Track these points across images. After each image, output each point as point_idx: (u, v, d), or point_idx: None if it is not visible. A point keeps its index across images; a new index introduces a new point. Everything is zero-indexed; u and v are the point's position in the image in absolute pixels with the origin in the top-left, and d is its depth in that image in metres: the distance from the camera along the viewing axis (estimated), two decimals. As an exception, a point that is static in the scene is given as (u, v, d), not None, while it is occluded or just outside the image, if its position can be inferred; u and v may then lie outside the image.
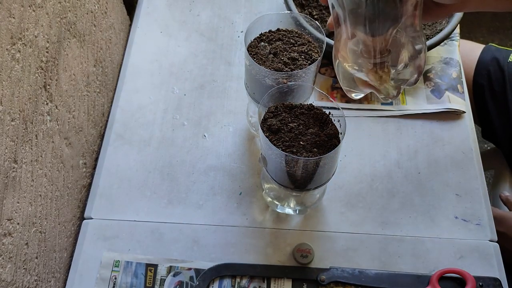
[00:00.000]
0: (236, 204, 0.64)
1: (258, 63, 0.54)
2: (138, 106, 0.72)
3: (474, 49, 0.86)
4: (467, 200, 0.65)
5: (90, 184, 0.67)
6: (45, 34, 0.53)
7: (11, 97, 0.46)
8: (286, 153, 0.47)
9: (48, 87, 0.54)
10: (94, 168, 0.69)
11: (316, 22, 0.58)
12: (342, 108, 0.52)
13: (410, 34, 0.48)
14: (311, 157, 0.48)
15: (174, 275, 0.59)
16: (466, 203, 0.65)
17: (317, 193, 0.61)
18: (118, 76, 0.76)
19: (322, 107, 0.53)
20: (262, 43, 0.57)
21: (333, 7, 0.49)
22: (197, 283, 0.58)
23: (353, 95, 0.55)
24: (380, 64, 0.49)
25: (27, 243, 0.51)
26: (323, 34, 0.56)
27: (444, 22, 0.72)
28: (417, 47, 0.49)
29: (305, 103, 0.54)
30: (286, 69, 0.54)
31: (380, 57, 0.48)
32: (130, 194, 0.65)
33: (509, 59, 0.81)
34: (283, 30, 0.58)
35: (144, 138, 0.69)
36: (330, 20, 0.52)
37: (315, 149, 0.49)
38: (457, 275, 0.58)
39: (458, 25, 0.72)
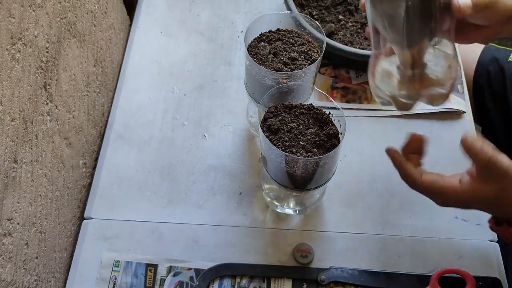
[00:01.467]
0: (236, 204, 0.64)
1: (258, 63, 0.54)
2: (138, 106, 0.72)
3: (474, 49, 0.86)
4: (467, 200, 0.65)
5: (90, 184, 0.67)
6: (45, 34, 0.53)
7: (11, 97, 0.46)
8: (286, 153, 0.47)
9: (48, 87, 0.54)
10: (94, 168, 0.69)
11: (316, 22, 0.58)
12: (342, 108, 0.52)
13: (443, 49, 0.48)
14: (311, 157, 0.48)
15: (174, 275, 0.59)
16: (466, 203, 0.65)
17: (317, 193, 0.61)
18: (118, 76, 0.76)
19: (322, 107, 0.53)
20: (262, 43, 0.57)
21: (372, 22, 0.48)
22: (197, 283, 0.58)
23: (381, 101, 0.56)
24: (417, 76, 0.48)
25: (27, 243, 0.51)
26: (323, 34, 0.56)
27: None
28: (448, 62, 0.48)
29: (305, 103, 0.54)
30: (286, 69, 0.54)
31: (417, 68, 0.47)
32: (130, 194, 0.65)
33: (509, 59, 0.81)
34: (283, 30, 0.58)
35: (144, 138, 0.69)
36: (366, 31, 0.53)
37: (315, 149, 0.49)
38: (457, 275, 0.58)
39: (458, 25, 0.72)
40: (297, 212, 0.63)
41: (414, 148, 0.54)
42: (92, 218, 0.63)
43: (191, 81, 0.75)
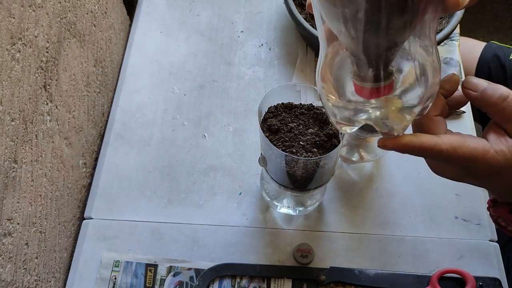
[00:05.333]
0: (236, 204, 0.64)
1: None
2: (138, 106, 0.72)
3: (475, 47, 0.86)
4: (467, 200, 0.65)
5: (90, 184, 0.67)
6: (45, 34, 0.53)
7: (11, 97, 0.46)
8: (286, 153, 0.47)
9: (48, 87, 0.54)
10: (94, 168, 0.69)
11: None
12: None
13: (422, 47, 0.34)
14: (311, 157, 0.48)
15: (174, 275, 0.59)
16: (466, 203, 0.65)
17: (317, 193, 0.61)
18: (118, 76, 0.76)
19: (322, 107, 0.52)
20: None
21: (323, 21, 0.34)
22: (197, 283, 0.58)
23: (345, 128, 0.40)
24: (385, 87, 0.34)
25: (27, 243, 0.51)
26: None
27: (444, 22, 0.72)
28: (429, 63, 0.35)
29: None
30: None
31: (384, 75, 0.34)
32: (130, 194, 0.65)
33: (510, 57, 0.81)
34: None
35: (144, 138, 0.69)
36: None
37: (315, 149, 0.49)
38: (457, 275, 0.58)
39: (458, 25, 0.72)
40: (297, 212, 0.63)
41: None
42: (92, 218, 0.63)
43: (191, 81, 0.75)
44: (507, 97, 0.37)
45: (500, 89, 0.37)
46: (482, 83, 0.38)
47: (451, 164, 0.40)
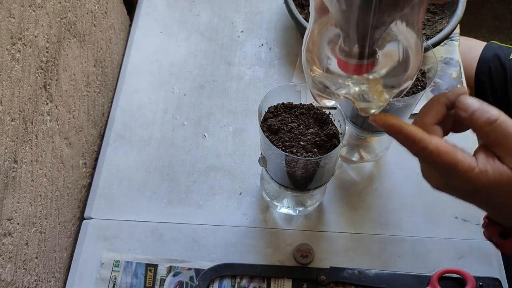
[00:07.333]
0: (236, 204, 0.64)
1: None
2: (138, 106, 0.72)
3: (475, 47, 0.86)
4: (467, 200, 0.65)
5: (90, 184, 0.67)
6: (45, 34, 0.53)
7: (11, 97, 0.46)
8: (286, 153, 0.47)
9: (48, 87, 0.54)
10: (94, 168, 0.69)
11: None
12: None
13: (407, 32, 0.35)
14: (311, 157, 0.48)
15: (174, 275, 0.59)
16: (466, 203, 0.65)
17: (317, 193, 0.61)
18: (118, 76, 0.76)
19: (322, 107, 0.52)
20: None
21: None
22: (197, 283, 0.58)
23: (324, 101, 0.42)
24: (367, 65, 0.36)
25: (27, 243, 0.51)
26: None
27: (444, 22, 0.72)
28: (413, 47, 0.36)
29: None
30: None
31: (369, 51, 0.35)
32: (130, 194, 0.65)
33: (511, 57, 0.81)
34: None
35: (144, 138, 0.69)
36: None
37: (315, 149, 0.49)
38: (457, 275, 0.58)
39: (458, 25, 0.72)
40: (297, 212, 0.63)
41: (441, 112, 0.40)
42: (92, 218, 0.63)
43: (191, 81, 0.75)
44: (494, 121, 0.36)
45: (488, 112, 0.37)
46: (473, 105, 0.38)
47: (432, 169, 0.40)
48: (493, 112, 0.37)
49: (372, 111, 0.39)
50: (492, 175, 0.37)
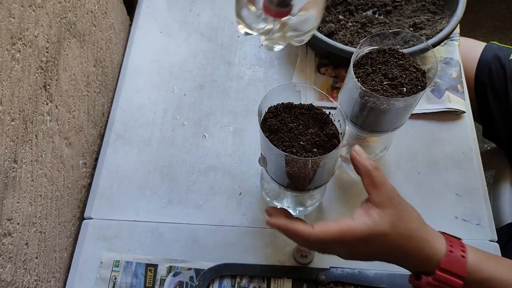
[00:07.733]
0: (236, 204, 0.64)
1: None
2: (138, 106, 0.72)
3: (475, 47, 0.86)
4: (467, 200, 0.65)
5: (90, 184, 0.67)
6: (45, 34, 0.53)
7: (11, 97, 0.46)
8: (286, 153, 0.47)
9: (48, 87, 0.54)
10: (94, 168, 0.69)
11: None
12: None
13: None
14: (311, 157, 0.48)
15: (174, 275, 0.59)
16: (466, 203, 0.65)
17: (317, 193, 0.61)
18: (118, 76, 0.76)
19: (322, 107, 0.52)
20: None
21: None
22: (197, 283, 0.58)
23: (243, 30, 0.51)
24: (283, 12, 0.46)
25: (27, 243, 0.51)
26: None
27: (444, 22, 0.72)
28: (319, 7, 0.47)
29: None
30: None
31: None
32: (130, 194, 0.65)
33: (511, 57, 0.81)
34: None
35: (144, 138, 0.69)
36: None
37: (315, 149, 0.49)
38: (457, 275, 0.58)
39: (458, 25, 0.72)
40: (297, 212, 0.63)
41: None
42: (92, 218, 0.63)
43: (191, 81, 0.75)
44: (369, 171, 0.45)
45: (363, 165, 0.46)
46: (358, 157, 0.47)
47: (328, 249, 0.46)
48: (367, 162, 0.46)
49: (276, 48, 0.51)
50: (371, 221, 0.43)
